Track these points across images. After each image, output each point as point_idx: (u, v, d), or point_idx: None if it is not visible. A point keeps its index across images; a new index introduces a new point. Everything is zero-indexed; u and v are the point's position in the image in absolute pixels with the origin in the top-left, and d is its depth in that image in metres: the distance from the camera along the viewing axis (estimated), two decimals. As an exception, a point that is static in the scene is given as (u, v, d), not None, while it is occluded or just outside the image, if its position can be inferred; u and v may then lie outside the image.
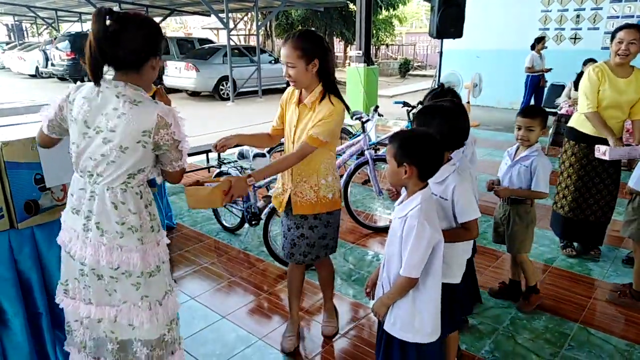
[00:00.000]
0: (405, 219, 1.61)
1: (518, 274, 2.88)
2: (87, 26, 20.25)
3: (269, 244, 3.35)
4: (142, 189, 1.69)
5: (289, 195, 2.27)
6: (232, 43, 12.65)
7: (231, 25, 13.45)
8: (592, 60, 6.42)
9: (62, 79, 16.87)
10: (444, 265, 1.78)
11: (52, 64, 16.38)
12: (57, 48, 15.89)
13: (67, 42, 15.66)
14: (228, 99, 12.70)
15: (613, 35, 3.07)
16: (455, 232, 1.83)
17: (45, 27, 22.74)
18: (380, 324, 1.81)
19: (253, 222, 3.70)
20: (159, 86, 1.86)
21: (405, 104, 4.83)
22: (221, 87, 13.10)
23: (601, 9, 9.20)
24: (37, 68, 18.40)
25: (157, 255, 1.74)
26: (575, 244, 3.52)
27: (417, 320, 1.67)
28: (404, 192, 1.75)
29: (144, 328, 1.72)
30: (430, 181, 1.72)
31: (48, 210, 2.09)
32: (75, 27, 20.74)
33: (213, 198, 1.94)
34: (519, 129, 2.55)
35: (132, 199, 1.65)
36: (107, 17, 1.49)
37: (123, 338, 1.75)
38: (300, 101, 2.19)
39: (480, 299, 2.76)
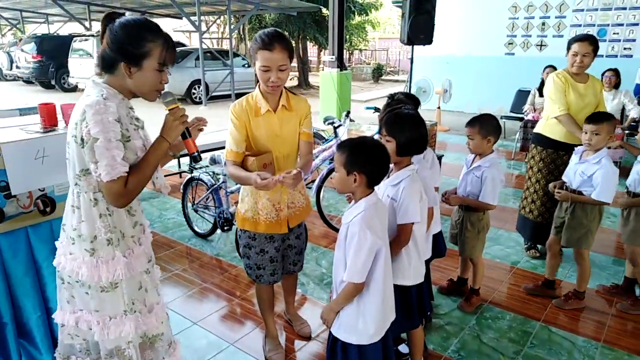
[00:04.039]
0: (349, 225, 1.65)
1: (466, 273, 3.04)
2: (54, 28, 19.81)
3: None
4: (98, 196, 1.57)
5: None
6: (204, 46, 12.56)
7: (203, 28, 13.35)
8: (551, 67, 6.68)
9: (27, 82, 16.40)
10: (398, 267, 1.83)
11: (17, 67, 15.91)
12: (22, 50, 15.44)
13: (33, 44, 15.23)
14: (200, 102, 12.60)
15: (568, 46, 3.19)
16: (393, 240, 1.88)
17: (9, 28, 22.04)
18: None
19: (225, 228, 3.70)
20: (177, 104, 1.63)
21: (376, 109, 4.90)
22: (193, 90, 13.01)
23: (565, 17, 9.57)
24: (0, 70, 17.83)
25: (113, 272, 1.60)
26: (539, 245, 3.65)
27: (360, 323, 1.70)
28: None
29: (97, 337, 1.67)
30: (386, 183, 1.77)
31: (13, 218, 2.05)
32: (42, 29, 20.16)
33: (252, 169, 2.03)
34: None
35: (84, 205, 1.58)
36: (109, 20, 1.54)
37: (89, 339, 1.73)
38: (276, 107, 2.11)
39: (432, 297, 2.88)
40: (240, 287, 3.20)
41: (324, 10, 16.81)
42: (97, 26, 17.48)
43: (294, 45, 18.53)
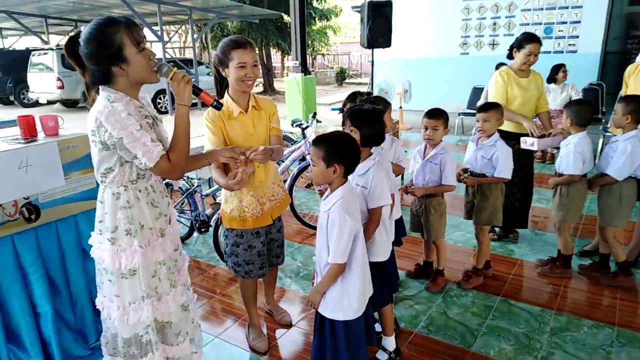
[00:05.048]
0: (329, 212, 1.82)
1: (431, 256, 3.27)
2: (9, 42, 19.23)
3: (220, 248, 3.50)
4: (121, 190, 1.73)
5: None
6: (167, 56, 12.54)
7: (165, 38, 13.32)
8: (503, 64, 7.10)
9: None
10: (372, 246, 2.02)
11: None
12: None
13: (-13, 59, 14.78)
14: (166, 112, 12.56)
15: (521, 45, 3.48)
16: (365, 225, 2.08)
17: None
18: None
19: (202, 230, 3.82)
20: (174, 70, 1.72)
21: (341, 110, 5.13)
22: (158, 100, 12.95)
23: (514, 17, 10.10)
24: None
25: (131, 260, 1.74)
26: (496, 229, 3.93)
27: (345, 301, 1.88)
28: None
29: (116, 325, 1.83)
30: (355, 174, 1.96)
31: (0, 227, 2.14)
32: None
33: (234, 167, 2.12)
34: (426, 129, 2.84)
35: (107, 199, 1.74)
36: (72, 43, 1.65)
37: (110, 330, 1.87)
38: (247, 108, 2.26)
39: (398, 277, 3.04)
40: (220, 285, 3.34)
41: (286, 17, 17.03)
42: (55, 39, 17.13)
43: (257, 52, 18.62)
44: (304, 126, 4.37)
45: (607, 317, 2.79)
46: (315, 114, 4.65)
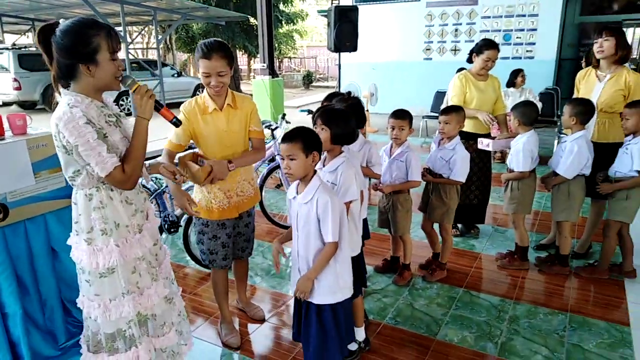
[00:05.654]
0: (316, 199, 1.89)
1: (398, 251, 3.38)
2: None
3: (190, 249, 3.51)
4: (93, 191, 1.74)
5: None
6: (130, 57, 12.31)
7: (128, 39, 13.07)
8: (463, 69, 7.39)
9: None
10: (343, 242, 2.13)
11: None
12: None
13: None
14: (130, 114, 12.31)
15: (480, 50, 3.69)
16: None
17: None
18: (297, 303, 2.07)
19: (171, 231, 3.82)
20: (138, 84, 1.75)
21: (309, 111, 5.22)
22: (121, 102, 12.69)
23: (475, 23, 10.48)
24: None
25: (109, 259, 1.76)
26: (459, 225, 4.11)
27: (340, 281, 1.98)
28: (294, 184, 2.02)
29: (99, 322, 1.84)
30: (323, 170, 2.08)
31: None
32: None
33: (198, 175, 2.19)
34: (393, 129, 2.98)
35: (80, 201, 1.76)
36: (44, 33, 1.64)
37: (91, 328, 1.89)
38: (222, 106, 2.32)
39: (366, 271, 3.13)
40: (190, 285, 3.35)
41: (252, 19, 17.02)
42: (10, 38, 16.48)
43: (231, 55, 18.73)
44: (273, 127, 4.43)
45: (561, 304, 2.99)
46: (284, 115, 4.73)
